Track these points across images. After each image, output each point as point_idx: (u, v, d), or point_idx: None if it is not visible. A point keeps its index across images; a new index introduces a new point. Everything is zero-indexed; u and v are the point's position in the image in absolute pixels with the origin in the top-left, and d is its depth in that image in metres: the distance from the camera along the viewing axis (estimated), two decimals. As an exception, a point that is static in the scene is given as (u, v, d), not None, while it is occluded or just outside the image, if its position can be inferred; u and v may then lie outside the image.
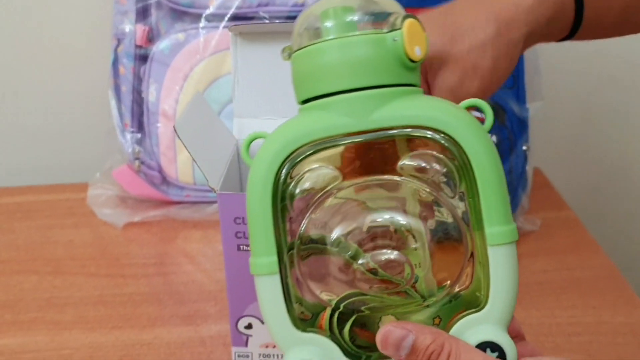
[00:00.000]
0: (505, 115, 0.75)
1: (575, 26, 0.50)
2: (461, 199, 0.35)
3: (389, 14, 0.35)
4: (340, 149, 0.35)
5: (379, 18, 0.35)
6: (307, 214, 0.35)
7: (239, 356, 0.53)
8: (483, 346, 0.33)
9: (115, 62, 0.83)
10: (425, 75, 0.48)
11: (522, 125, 0.77)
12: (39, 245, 0.81)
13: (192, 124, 0.49)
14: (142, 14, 0.82)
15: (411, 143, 0.35)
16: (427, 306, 0.35)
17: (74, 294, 0.73)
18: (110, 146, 0.87)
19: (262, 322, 0.51)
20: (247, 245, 0.48)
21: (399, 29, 0.34)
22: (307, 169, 0.35)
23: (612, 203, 1.08)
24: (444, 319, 0.35)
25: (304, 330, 0.34)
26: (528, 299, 0.71)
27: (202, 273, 0.76)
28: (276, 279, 0.34)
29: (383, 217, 0.35)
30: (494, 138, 0.75)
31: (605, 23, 0.52)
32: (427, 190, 0.35)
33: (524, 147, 0.78)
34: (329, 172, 0.35)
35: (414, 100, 0.35)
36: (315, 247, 0.35)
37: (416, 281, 0.35)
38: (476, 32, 0.46)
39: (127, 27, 0.82)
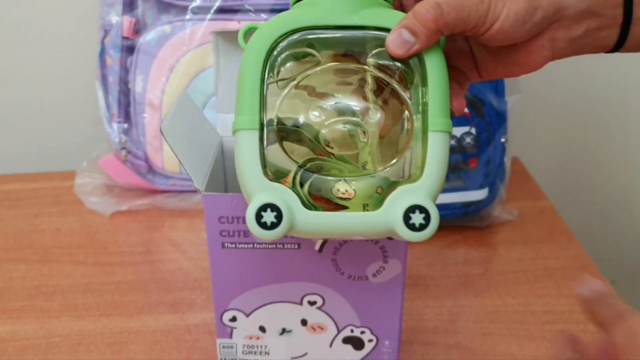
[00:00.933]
0: (484, 108, 0.77)
1: (620, 40, 0.45)
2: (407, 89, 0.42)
3: None
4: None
5: None
6: (284, 92, 0.42)
7: (223, 347, 0.55)
8: (412, 208, 0.39)
9: (102, 53, 0.84)
10: None
11: (500, 117, 0.79)
12: (27, 233, 0.82)
13: (178, 125, 0.50)
14: (129, 5, 0.83)
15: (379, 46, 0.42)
16: (372, 177, 0.42)
17: (62, 282, 0.74)
18: (97, 135, 0.88)
19: (247, 315, 0.53)
20: (232, 244, 0.50)
21: None
22: (291, 51, 0.42)
23: (589, 192, 1.10)
24: (385, 189, 0.41)
25: (271, 180, 0.40)
26: (504, 287, 0.73)
27: (188, 261, 0.78)
28: (256, 134, 0.40)
29: (344, 102, 0.42)
30: (473, 130, 0.77)
31: None
32: (386, 79, 0.42)
33: (502, 139, 0.80)
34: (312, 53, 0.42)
35: (387, 10, 0.42)
36: (286, 128, 0.42)
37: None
38: None
39: (114, 19, 0.83)
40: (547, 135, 1.06)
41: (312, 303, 0.52)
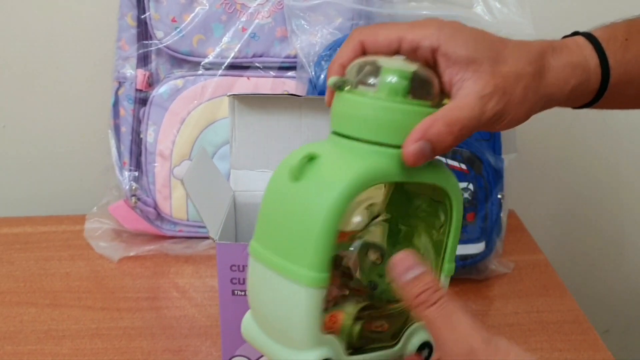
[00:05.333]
0: (481, 166, 0.80)
1: (598, 95, 0.51)
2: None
3: (433, 87, 0.43)
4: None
5: (427, 89, 0.42)
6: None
7: (230, 393, 0.57)
8: (424, 345, 0.46)
9: (116, 104, 0.88)
10: (447, 64, 0.45)
11: (497, 175, 0.82)
12: (37, 277, 0.85)
13: (197, 178, 0.54)
14: (143, 60, 0.87)
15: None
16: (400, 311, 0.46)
17: (71, 327, 0.76)
18: (108, 182, 0.91)
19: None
20: (242, 291, 0.52)
21: (444, 103, 0.42)
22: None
23: (581, 245, 1.13)
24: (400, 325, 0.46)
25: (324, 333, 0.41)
26: (499, 341, 0.76)
27: (193, 308, 0.80)
28: (323, 292, 0.39)
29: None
30: (471, 186, 0.81)
31: (629, 94, 0.52)
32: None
33: (499, 196, 0.83)
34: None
35: (434, 164, 0.43)
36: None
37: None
38: (518, 63, 0.46)
39: (129, 72, 0.87)
40: (542, 189, 1.09)
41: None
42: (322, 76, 0.79)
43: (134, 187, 0.89)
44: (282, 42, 0.85)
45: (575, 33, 0.51)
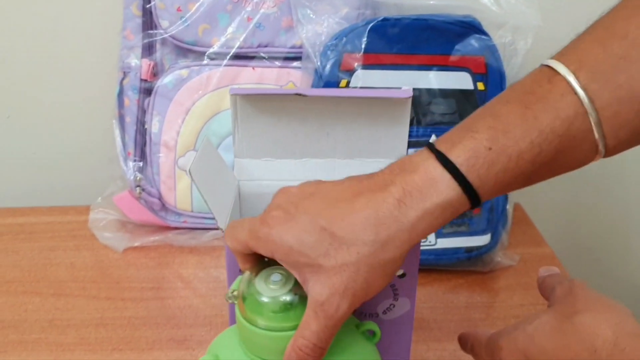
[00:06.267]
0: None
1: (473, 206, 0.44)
2: None
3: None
4: None
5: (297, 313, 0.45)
6: None
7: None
8: None
9: (121, 94, 0.88)
10: (300, 272, 0.44)
11: (503, 166, 0.82)
12: (42, 266, 0.85)
13: (204, 168, 0.53)
14: (148, 49, 0.86)
15: None
16: None
17: (76, 316, 0.76)
18: (112, 173, 0.91)
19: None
20: None
21: None
22: None
23: (588, 240, 1.13)
24: None
25: None
26: (504, 332, 0.75)
27: (197, 298, 0.80)
28: None
29: None
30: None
31: (508, 191, 0.48)
32: None
33: (505, 187, 0.83)
34: None
35: (332, 356, 0.46)
36: None
37: None
38: (350, 249, 0.42)
39: (133, 62, 0.86)
40: (548, 182, 1.08)
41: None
42: (328, 66, 0.78)
43: (138, 178, 0.88)
44: (287, 32, 0.85)
45: (431, 148, 0.44)
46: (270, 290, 0.46)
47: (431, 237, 0.82)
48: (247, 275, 0.48)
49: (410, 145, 0.58)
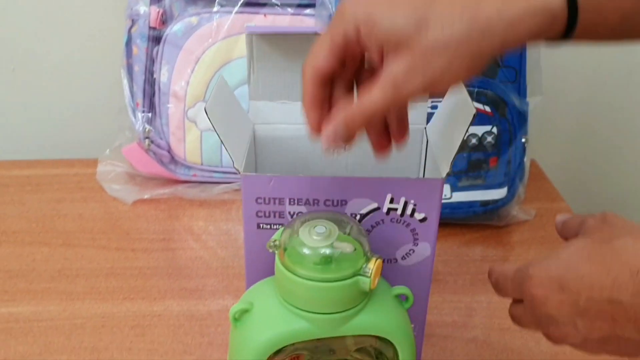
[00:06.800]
0: (506, 108, 0.78)
1: (566, 35, 0.44)
2: None
3: (361, 257, 0.45)
4: None
5: (340, 264, 0.45)
6: None
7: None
8: None
9: (129, 43, 0.85)
10: (380, 50, 0.42)
11: (521, 118, 0.80)
12: (49, 217, 0.83)
13: (219, 107, 0.51)
14: (157, -4, 0.84)
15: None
16: None
17: (85, 266, 0.75)
18: (121, 124, 0.89)
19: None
20: (267, 224, 0.51)
21: (369, 276, 0.45)
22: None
23: (603, 195, 1.11)
24: None
25: None
26: (521, 285, 0.74)
27: (207, 250, 0.79)
28: None
29: None
30: (495, 130, 0.78)
31: (601, 32, 0.46)
32: None
33: (523, 140, 0.81)
34: None
35: (366, 315, 0.47)
36: None
37: None
38: (444, 27, 0.40)
39: (142, 9, 0.84)
40: (564, 137, 1.07)
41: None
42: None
43: (147, 129, 0.86)
44: (301, -23, 0.83)
45: None
46: (314, 241, 0.45)
47: (447, 191, 0.80)
48: (291, 224, 0.47)
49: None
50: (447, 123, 0.54)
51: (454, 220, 0.82)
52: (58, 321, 0.67)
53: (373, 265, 0.45)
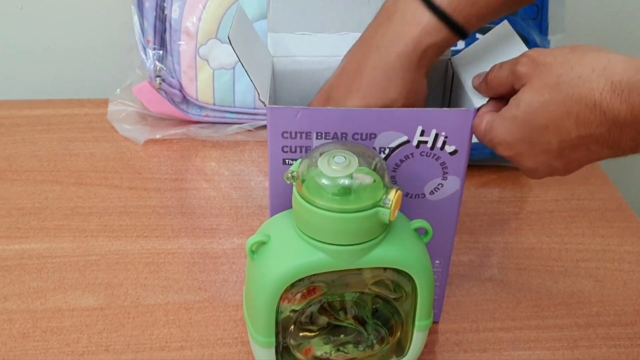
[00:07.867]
0: (527, 45, 0.76)
1: (463, 37, 0.49)
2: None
3: (380, 188, 0.45)
4: None
5: (360, 195, 0.44)
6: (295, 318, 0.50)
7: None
8: None
9: (139, -23, 0.83)
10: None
11: (542, 57, 0.78)
12: (61, 156, 0.82)
13: (242, 36, 0.50)
14: None
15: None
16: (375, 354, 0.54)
17: (98, 204, 0.74)
18: (131, 62, 0.87)
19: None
20: (293, 160, 0.49)
21: (389, 207, 0.44)
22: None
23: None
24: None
25: None
26: (539, 226, 0.73)
27: (222, 190, 0.78)
28: (272, 351, 0.51)
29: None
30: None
31: (493, 16, 0.50)
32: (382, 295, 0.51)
33: (543, 79, 0.79)
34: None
35: (385, 247, 0.47)
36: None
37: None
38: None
39: (152, -59, 0.81)
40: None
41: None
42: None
43: (158, 68, 0.85)
44: None
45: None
46: (333, 171, 0.44)
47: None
48: (310, 155, 0.46)
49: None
50: (486, 57, 0.52)
51: (471, 161, 0.80)
52: (72, 257, 0.67)
53: (393, 197, 0.44)
